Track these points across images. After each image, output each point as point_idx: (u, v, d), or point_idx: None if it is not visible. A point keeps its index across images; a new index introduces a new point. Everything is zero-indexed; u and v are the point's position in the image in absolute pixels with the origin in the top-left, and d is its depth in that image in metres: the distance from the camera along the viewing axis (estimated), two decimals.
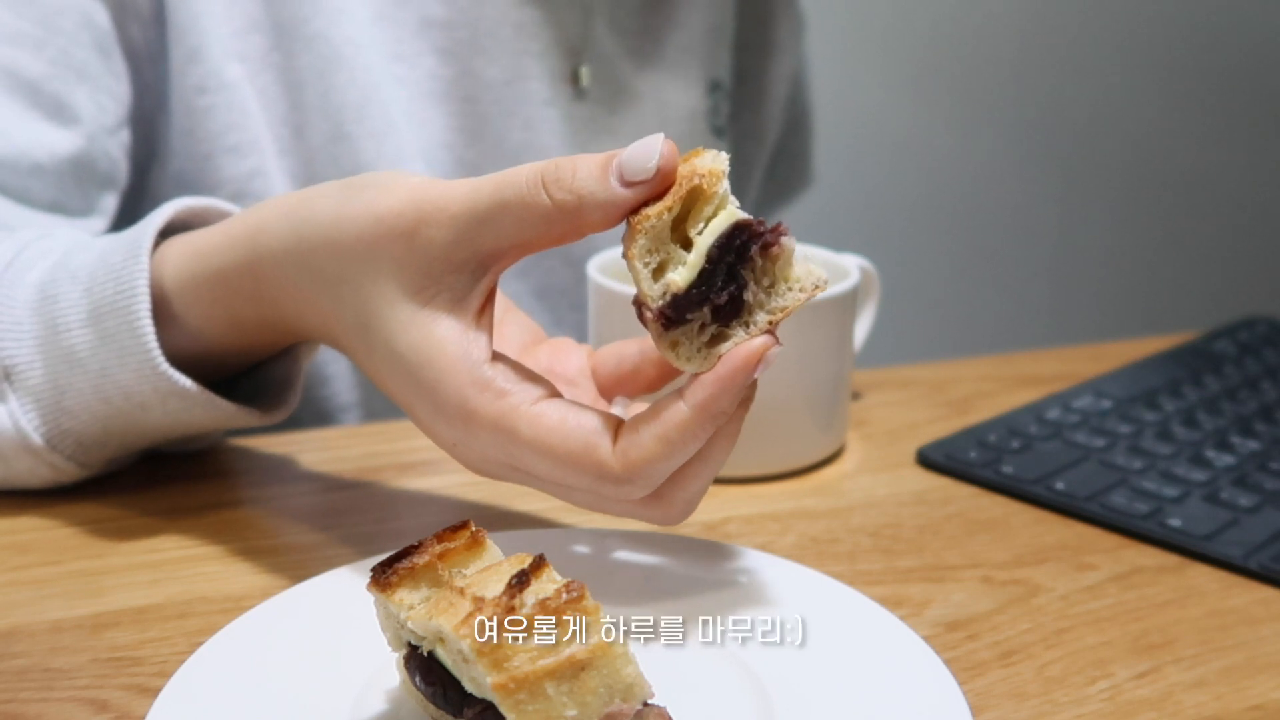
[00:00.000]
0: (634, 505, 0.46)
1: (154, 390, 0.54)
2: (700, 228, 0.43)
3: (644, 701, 0.37)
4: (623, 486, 0.44)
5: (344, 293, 0.47)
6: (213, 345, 0.55)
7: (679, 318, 0.43)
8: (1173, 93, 2.04)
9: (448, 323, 0.45)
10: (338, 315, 0.48)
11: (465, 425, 0.45)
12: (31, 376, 0.55)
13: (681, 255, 0.43)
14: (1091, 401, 0.74)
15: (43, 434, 0.55)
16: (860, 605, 0.48)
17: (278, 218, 0.50)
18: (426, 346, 0.45)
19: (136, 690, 0.44)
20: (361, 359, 0.49)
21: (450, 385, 0.45)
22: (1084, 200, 2.05)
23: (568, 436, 0.44)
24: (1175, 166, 2.08)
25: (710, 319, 0.43)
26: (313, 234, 0.48)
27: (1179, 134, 2.06)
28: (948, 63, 1.88)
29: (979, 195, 1.94)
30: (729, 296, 0.43)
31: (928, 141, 1.88)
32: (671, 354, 0.43)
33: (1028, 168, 1.98)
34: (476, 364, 0.45)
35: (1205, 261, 2.13)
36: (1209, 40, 2.03)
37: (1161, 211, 2.09)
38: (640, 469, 0.43)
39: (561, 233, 0.44)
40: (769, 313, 0.43)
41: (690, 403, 0.43)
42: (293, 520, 0.57)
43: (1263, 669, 0.48)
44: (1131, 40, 1.99)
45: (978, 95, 1.91)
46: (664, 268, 0.43)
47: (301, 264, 0.48)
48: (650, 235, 0.42)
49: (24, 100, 0.66)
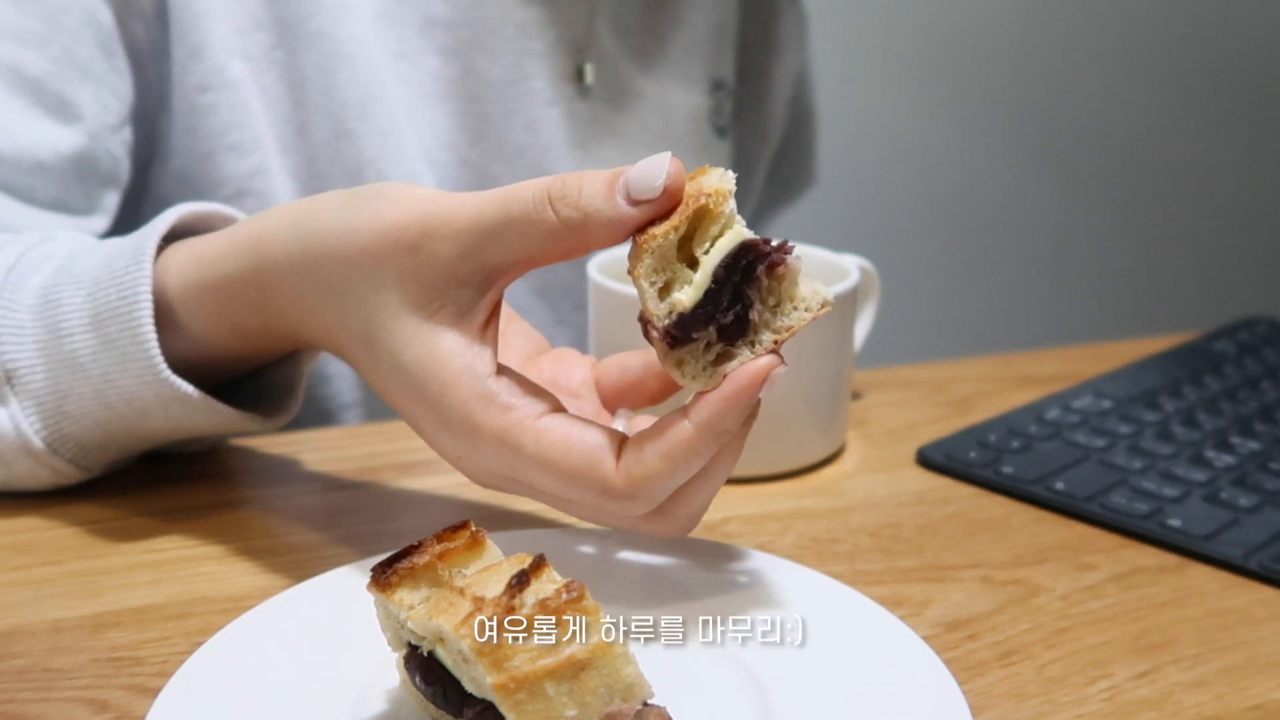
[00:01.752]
0: (637, 520, 0.46)
1: (155, 396, 0.54)
2: (706, 247, 0.43)
3: (644, 701, 0.37)
4: (626, 503, 0.44)
5: (349, 304, 0.47)
6: (215, 352, 0.55)
7: (684, 337, 0.43)
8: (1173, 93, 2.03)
9: (452, 337, 0.45)
10: (343, 325, 0.48)
11: (470, 439, 0.45)
12: (33, 380, 0.55)
13: (687, 274, 0.43)
14: (1091, 401, 0.74)
15: (44, 438, 0.55)
16: (860, 605, 0.48)
17: (283, 226, 0.50)
18: (431, 360, 0.45)
19: (136, 690, 0.44)
20: (366, 370, 0.49)
21: (454, 399, 0.45)
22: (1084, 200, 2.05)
23: (571, 452, 0.44)
24: (1175, 166, 2.08)
25: (715, 338, 0.43)
26: (318, 244, 0.48)
27: (1179, 134, 2.06)
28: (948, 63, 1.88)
29: (979, 195, 1.94)
30: (734, 316, 0.43)
31: (928, 141, 1.88)
32: (676, 372, 0.43)
33: (1028, 168, 1.98)
34: (481, 378, 0.45)
35: (1205, 261, 2.13)
36: (1209, 40, 2.03)
37: (1161, 211, 2.09)
38: (644, 486, 0.43)
39: (567, 249, 0.44)
40: (774, 332, 0.44)
41: (695, 421, 0.43)
42: (293, 520, 0.57)
43: (1263, 669, 0.48)
44: (1131, 40, 1.99)
45: (978, 95, 1.91)
46: (670, 286, 0.43)
47: (306, 274, 0.48)
48: (656, 255, 0.42)
49: (27, 98, 0.65)
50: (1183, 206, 2.10)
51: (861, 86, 1.82)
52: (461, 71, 0.79)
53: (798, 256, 0.44)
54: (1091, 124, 2.00)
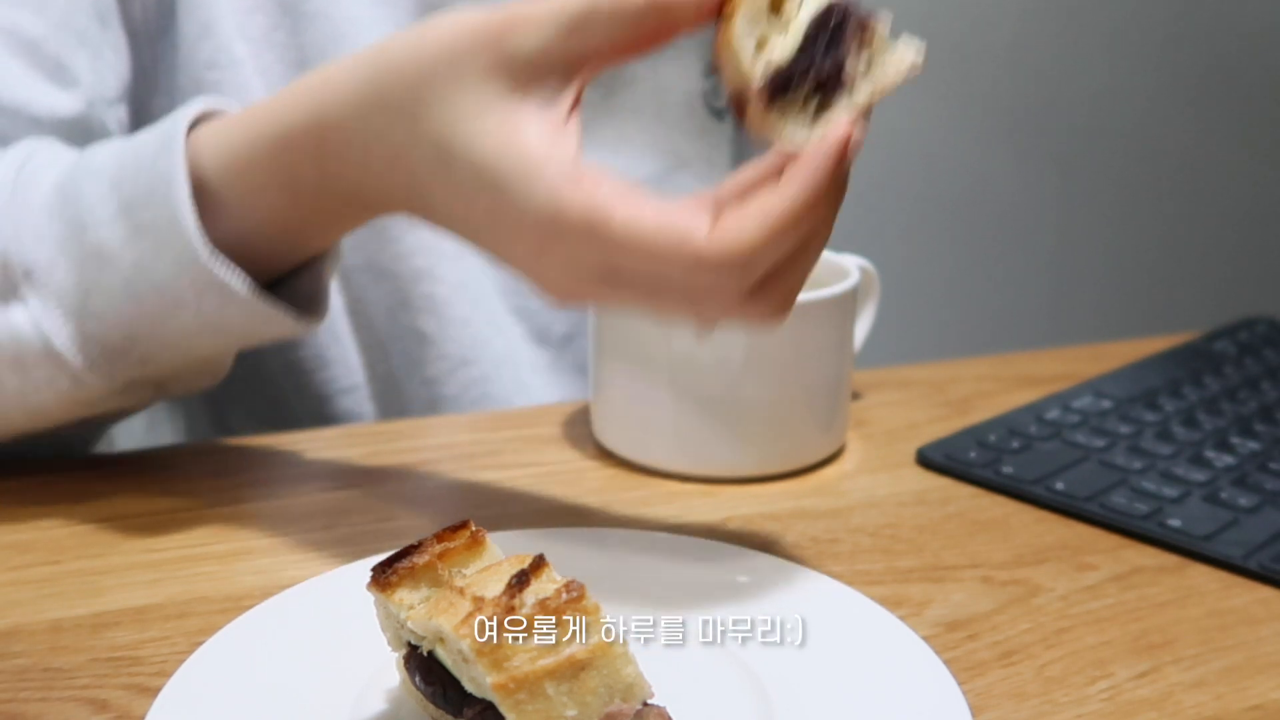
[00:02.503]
0: (732, 301, 0.45)
1: (192, 283, 0.52)
2: (796, 7, 0.44)
3: (644, 701, 0.37)
4: (721, 275, 0.43)
5: (420, 121, 0.47)
6: (254, 231, 0.54)
7: (784, 90, 0.43)
8: (1173, 92, 2.04)
9: (536, 124, 0.45)
10: (413, 144, 0.47)
11: (552, 227, 0.44)
12: (54, 277, 0.53)
13: (778, 36, 0.44)
14: (1091, 401, 0.74)
15: (66, 336, 0.54)
16: (860, 605, 0.48)
17: (347, 68, 0.49)
18: (514, 148, 0.45)
19: (136, 690, 0.44)
20: (437, 190, 0.48)
21: (540, 183, 0.44)
22: (1084, 200, 2.05)
23: (663, 223, 0.43)
24: (1175, 166, 2.08)
25: (813, 91, 0.44)
26: (386, 65, 0.48)
27: (1179, 133, 2.06)
28: (947, 62, 1.88)
29: (979, 195, 1.94)
30: (832, 65, 0.43)
31: (928, 141, 1.88)
32: (776, 131, 0.44)
33: (1027, 167, 1.98)
34: (567, 159, 0.44)
35: (1205, 261, 2.14)
36: (1209, 40, 2.03)
37: (1161, 211, 2.09)
38: (740, 254, 0.42)
39: (654, 31, 0.44)
40: (871, 82, 0.44)
41: (788, 183, 0.42)
42: (293, 520, 0.57)
43: (1263, 669, 0.48)
44: (1131, 39, 1.99)
45: (977, 94, 1.91)
46: (762, 47, 0.44)
47: (374, 103, 0.48)
48: (749, 11, 0.43)
49: (25, 60, 0.65)
50: (1183, 206, 2.10)
51: None
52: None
53: (887, 17, 0.44)
54: (1091, 123, 2.00)
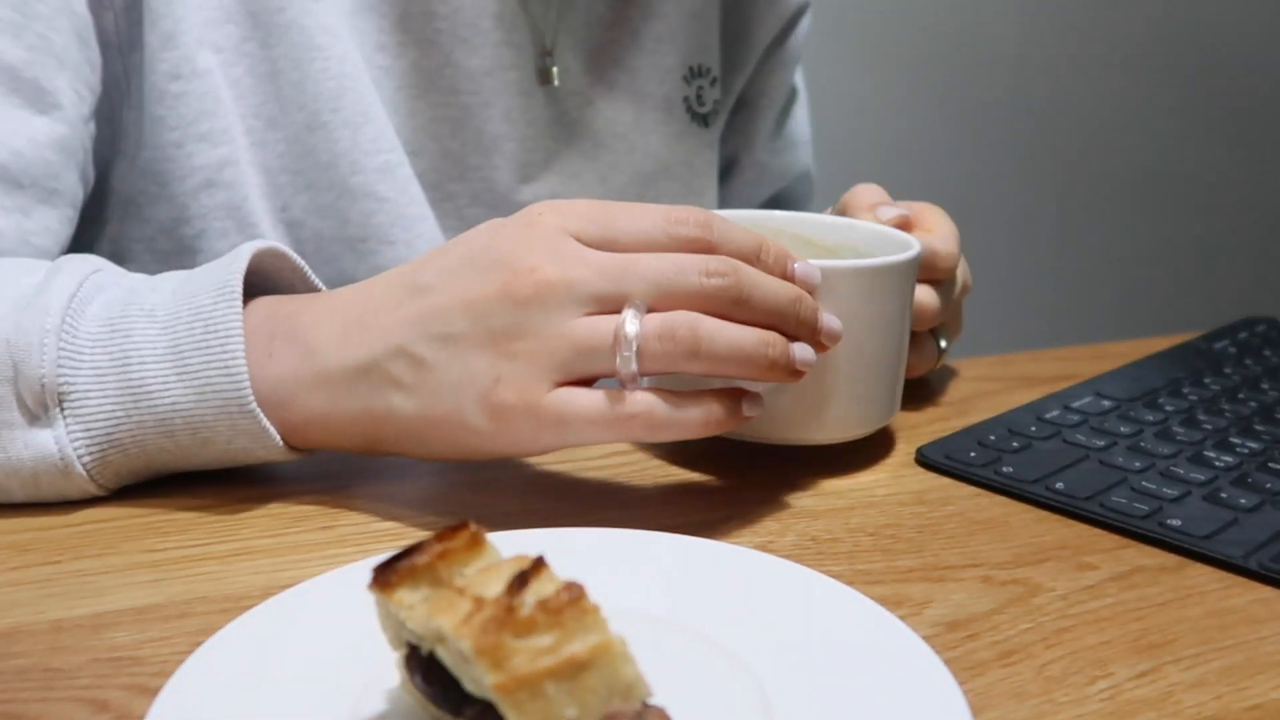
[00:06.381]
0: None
1: (230, 427, 0.55)
2: None
3: (644, 701, 0.37)
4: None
5: None
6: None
7: None
8: (1173, 93, 2.04)
9: None
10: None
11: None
12: (86, 405, 0.55)
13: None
14: (1091, 401, 0.74)
15: (85, 463, 0.56)
16: (860, 605, 0.48)
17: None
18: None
19: (136, 690, 0.44)
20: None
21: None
22: (1084, 201, 2.05)
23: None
24: (1175, 167, 2.08)
25: None
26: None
27: (1179, 135, 2.06)
28: (947, 63, 1.89)
29: (979, 196, 1.94)
30: None
31: (928, 142, 1.88)
32: None
33: (1028, 169, 1.98)
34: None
35: (1205, 261, 2.14)
36: (1209, 41, 2.03)
37: (1162, 212, 2.09)
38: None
39: None
40: None
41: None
42: (293, 520, 0.57)
43: (1263, 669, 0.48)
44: (1132, 41, 1.99)
45: (978, 96, 1.91)
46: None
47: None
48: None
49: (2, 87, 0.65)
50: (1183, 207, 2.10)
51: (860, 86, 1.82)
52: (440, 63, 0.80)
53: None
54: (1092, 125, 2.00)
